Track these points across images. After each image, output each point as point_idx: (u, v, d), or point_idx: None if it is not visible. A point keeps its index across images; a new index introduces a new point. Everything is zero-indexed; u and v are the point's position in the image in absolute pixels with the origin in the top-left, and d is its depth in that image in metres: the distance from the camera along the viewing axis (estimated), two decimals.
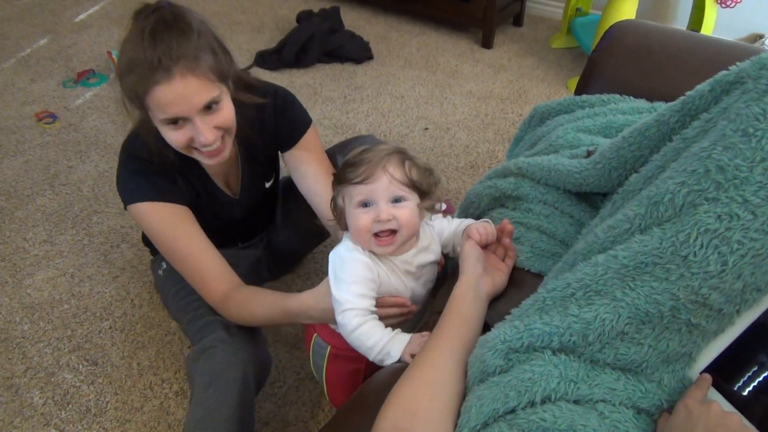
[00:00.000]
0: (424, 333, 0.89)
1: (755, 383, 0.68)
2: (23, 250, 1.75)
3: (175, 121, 0.99)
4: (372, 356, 0.92)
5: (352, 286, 0.92)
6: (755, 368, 0.68)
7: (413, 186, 0.89)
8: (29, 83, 2.49)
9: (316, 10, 2.78)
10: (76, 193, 1.95)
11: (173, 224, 1.13)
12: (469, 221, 1.04)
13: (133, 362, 1.46)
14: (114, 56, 2.44)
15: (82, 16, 3.00)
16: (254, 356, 1.14)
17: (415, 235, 0.94)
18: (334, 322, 1.01)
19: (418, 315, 1.08)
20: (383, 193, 0.88)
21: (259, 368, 1.16)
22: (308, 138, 1.27)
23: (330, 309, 0.97)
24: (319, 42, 2.60)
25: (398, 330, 0.93)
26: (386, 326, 0.92)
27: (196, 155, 1.07)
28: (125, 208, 1.14)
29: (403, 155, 0.91)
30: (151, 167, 1.11)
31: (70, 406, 1.37)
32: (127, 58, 0.96)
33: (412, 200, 0.90)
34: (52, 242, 1.78)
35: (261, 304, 1.12)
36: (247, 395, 1.09)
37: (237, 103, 1.08)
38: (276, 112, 1.21)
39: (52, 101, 2.39)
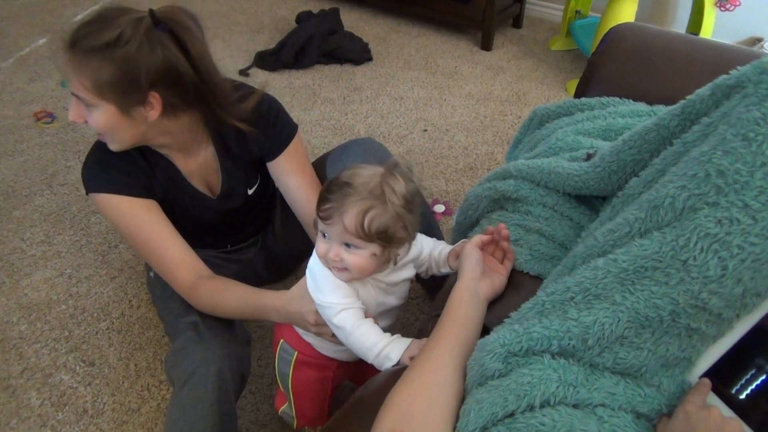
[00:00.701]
0: (423, 339, 0.89)
1: (755, 388, 0.68)
2: (21, 251, 1.74)
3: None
4: (371, 358, 0.91)
5: (336, 290, 0.92)
6: (754, 372, 0.68)
7: (368, 238, 0.86)
8: (28, 83, 2.49)
9: (315, 11, 2.78)
10: (75, 193, 1.94)
11: (133, 216, 1.14)
12: (448, 247, 1.02)
13: (131, 363, 1.45)
14: None
15: (81, 16, 2.99)
16: (229, 352, 1.12)
17: (370, 274, 0.93)
18: (301, 325, 1.04)
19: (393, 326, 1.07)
20: (336, 236, 0.88)
21: (237, 364, 1.13)
22: (292, 147, 1.26)
23: (297, 312, 1.00)
24: (319, 43, 2.60)
25: (398, 335, 0.94)
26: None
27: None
28: (87, 195, 1.16)
29: (367, 206, 0.85)
30: (115, 160, 1.12)
31: (67, 407, 1.36)
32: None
33: (366, 249, 0.88)
34: (50, 242, 1.77)
35: (234, 295, 1.13)
36: (226, 391, 1.07)
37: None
38: (260, 125, 1.18)
39: (50, 101, 2.38)
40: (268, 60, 2.60)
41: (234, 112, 1.12)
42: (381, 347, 0.90)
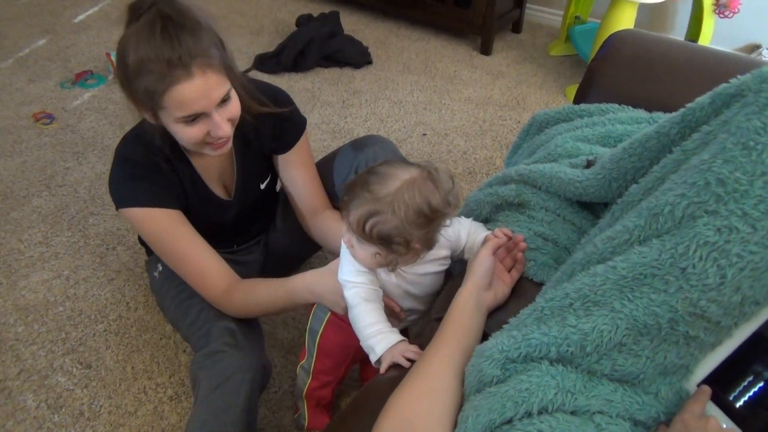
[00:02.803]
0: (412, 345, 0.89)
1: (753, 396, 0.68)
2: (18, 252, 1.74)
3: (193, 118, 0.99)
4: (361, 340, 0.94)
5: (352, 269, 0.96)
6: (751, 379, 0.68)
7: (370, 240, 0.88)
8: (27, 83, 2.48)
9: (315, 14, 2.78)
10: (73, 194, 1.94)
11: (167, 228, 1.14)
12: (483, 233, 1.01)
13: (128, 366, 1.45)
14: (113, 58, 2.44)
15: (81, 17, 3.00)
16: (264, 362, 1.15)
17: (373, 269, 0.96)
18: (330, 302, 1.06)
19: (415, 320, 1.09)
20: (347, 227, 0.92)
21: (265, 374, 1.16)
22: (303, 141, 1.29)
23: (330, 286, 1.02)
24: (318, 46, 2.60)
25: (393, 330, 0.94)
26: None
27: (205, 149, 1.09)
28: (117, 210, 1.14)
29: (372, 210, 0.86)
30: (144, 172, 1.11)
31: (64, 409, 1.36)
32: (137, 58, 0.94)
33: (370, 248, 0.90)
34: (48, 244, 1.77)
35: (264, 288, 1.15)
36: (253, 401, 1.10)
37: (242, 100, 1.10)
38: (275, 118, 1.21)
39: (49, 102, 2.38)
40: (267, 63, 2.60)
41: (251, 107, 1.14)
42: (369, 333, 0.92)
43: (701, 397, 0.68)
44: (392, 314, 1.01)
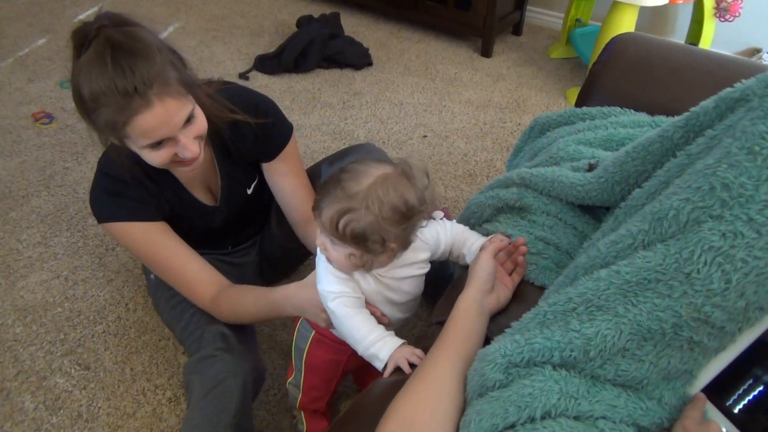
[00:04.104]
0: (416, 350, 0.88)
1: (753, 401, 0.67)
2: (17, 252, 1.73)
3: (159, 142, 0.99)
4: (360, 350, 0.92)
5: (332, 279, 0.93)
6: (751, 383, 0.68)
7: (343, 239, 0.85)
8: (26, 83, 2.48)
9: (316, 15, 2.78)
10: (72, 194, 1.93)
11: (149, 240, 1.15)
12: (480, 240, 1.00)
13: (126, 367, 1.44)
14: None
15: (81, 17, 2.99)
16: (255, 365, 1.15)
17: (349, 272, 0.93)
18: (311, 315, 1.04)
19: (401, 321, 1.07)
20: (321, 228, 0.89)
21: (258, 377, 1.16)
22: (288, 149, 1.27)
23: (310, 298, 1.00)
24: (319, 47, 2.60)
25: (390, 333, 0.93)
26: None
27: (174, 167, 1.08)
28: (98, 223, 1.15)
29: (345, 208, 0.83)
30: (125, 187, 1.11)
31: (62, 411, 1.35)
32: (92, 91, 0.91)
33: (344, 249, 0.87)
34: (47, 244, 1.76)
35: (248, 297, 1.15)
36: (246, 404, 1.10)
37: (210, 109, 1.09)
38: (257, 126, 1.18)
39: (49, 102, 2.37)
40: (268, 64, 2.60)
41: (220, 116, 1.12)
42: (370, 341, 0.90)
43: (698, 403, 0.68)
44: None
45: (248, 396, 1.11)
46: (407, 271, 0.96)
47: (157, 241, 1.15)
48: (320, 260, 0.95)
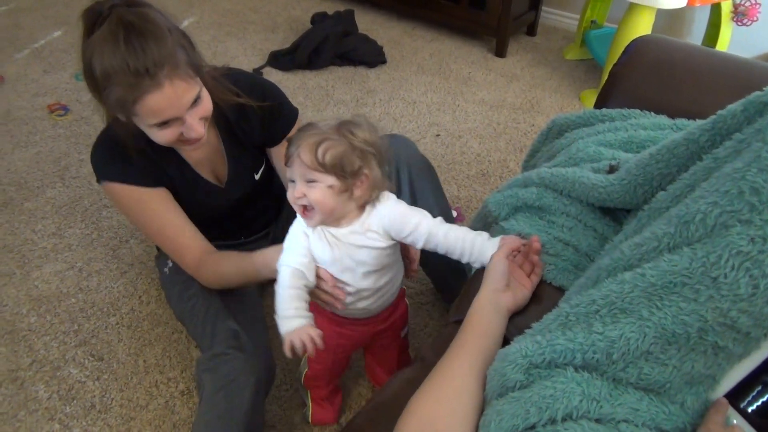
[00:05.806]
0: (315, 332, 0.90)
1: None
2: (32, 242, 1.74)
3: (166, 122, 1.01)
4: (277, 320, 0.94)
5: (287, 249, 0.99)
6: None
7: (323, 168, 0.90)
8: (42, 75, 2.49)
9: (330, 12, 2.78)
10: (87, 186, 1.94)
11: (146, 206, 1.17)
12: (490, 243, 0.98)
13: (140, 359, 1.45)
14: None
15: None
16: (267, 364, 1.15)
17: (333, 213, 0.95)
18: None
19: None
20: (298, 174, 0.93)
21: (269, 374, 1.17)
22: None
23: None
24: (333, 44, 2.60)
25: (307, 315, 0.93)
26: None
27: (180, 146, 1.11)
28: (97, 182, 1.17)
29: (320, 138, 0.90)
30: (127, 151, 1.12)
31: (75, 401, 1.36)
32: (104, 69, 0.94)
33: (323, 182, 0.92)
34: (61, 235, 1.77)
35: (229, 262, 1.17)
36: (258, 402, 1.10)
37: (215, 92, 1.11)
38: (263, 114, 1.21)
39: (64, 93, 2.39)
40: (282, 60, 2.60)
41: (225, 99, 1.14)
42: (281, 315, 0.92)
43: (721, 408, 0.67)
44: (335, 299, 1.01)
45: (259, 394, 1.12)
46: (362, 240, 0.97)
47: (152, 208, 1.17)
48: (289, 233, 1.00)
